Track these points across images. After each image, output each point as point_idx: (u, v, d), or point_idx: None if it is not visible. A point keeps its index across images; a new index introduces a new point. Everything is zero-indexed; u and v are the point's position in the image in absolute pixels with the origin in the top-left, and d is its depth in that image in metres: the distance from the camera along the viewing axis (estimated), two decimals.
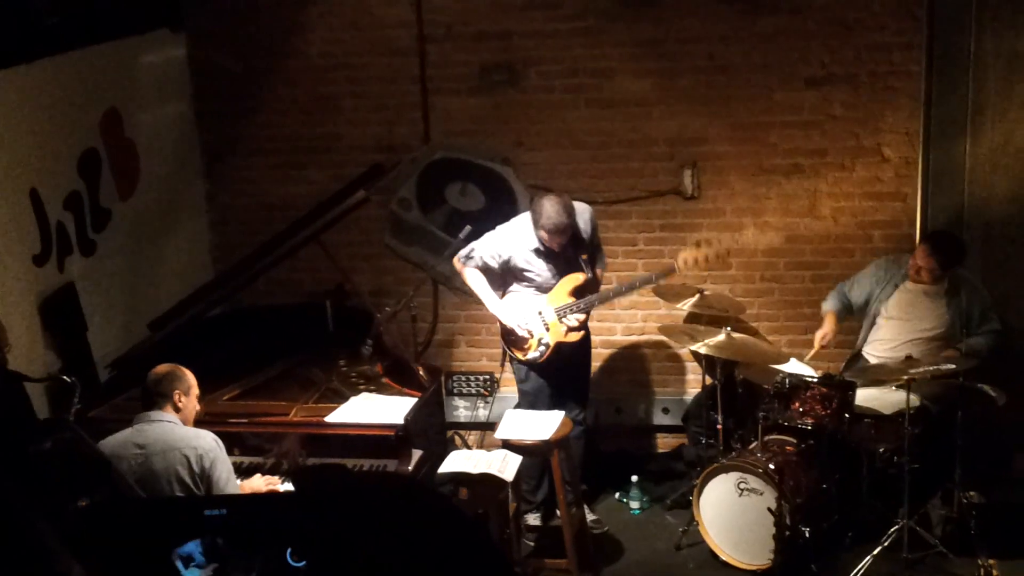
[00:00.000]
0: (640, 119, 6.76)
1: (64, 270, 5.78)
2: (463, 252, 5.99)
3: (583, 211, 5.90)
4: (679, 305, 6.19)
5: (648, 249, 6.93)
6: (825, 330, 6.29)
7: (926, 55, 6.38)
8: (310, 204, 6.37)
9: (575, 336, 5.91)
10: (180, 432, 4.58)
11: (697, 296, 6.12)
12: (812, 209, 6.71)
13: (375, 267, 7.18)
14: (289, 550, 1.99)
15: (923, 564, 5.58)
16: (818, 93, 6.55)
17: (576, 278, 5.87)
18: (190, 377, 4.77)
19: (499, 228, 5.98)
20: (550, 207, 5.63)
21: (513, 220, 5.99)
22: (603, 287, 6.09)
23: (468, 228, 6.09)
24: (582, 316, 5.87)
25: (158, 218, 6.75)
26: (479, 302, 6.08)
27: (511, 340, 6.00)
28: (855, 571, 5.48)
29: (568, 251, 5.84)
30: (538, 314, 5.88)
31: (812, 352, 6.33)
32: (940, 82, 6.38)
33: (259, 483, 5.01)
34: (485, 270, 5.95)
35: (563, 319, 5.85)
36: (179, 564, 2.03)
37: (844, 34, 6.46)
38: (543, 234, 5.70)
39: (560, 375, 6.06)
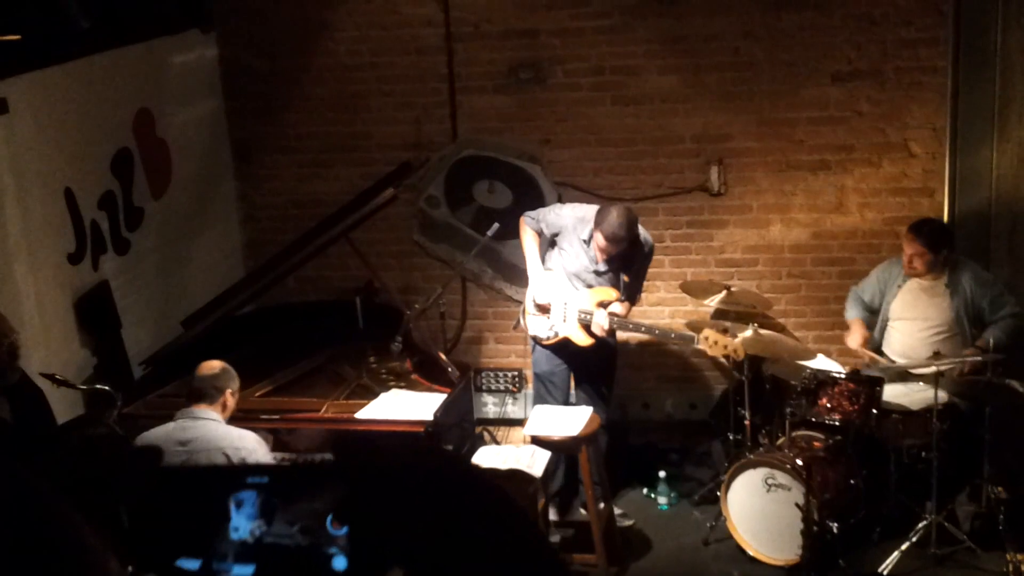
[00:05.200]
0: (666, 116, 6.79)
1: (98, 268, 5.86)
2: (531, 212, 6.09)
3: (647, 241, 5.95)
4: (706, 301, 6.22)
5: (675, 246, 6.95)
6: (861, 333, 6.16)
7: (952, 50, 6.37)
8: (339, 202, 6.41)
9: (586, 340, 5.94)
10: (223, 431, 4.59)
11: (724, 292, 6.14)
12: (839, 205, 6.71)
13: (404, 264, 7.24)
14: (329, 517, 2.01)
15: (951, 559, 5.57)
16: (844, 89, 6.56)
17: (610, 293, 5.89)
18: (236, 376, 4.78)
19: (570, 205, 6.08)
20: (616, 217, 5.64)
21: (585, 205, 6.02)
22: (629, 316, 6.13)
23: (496, 225, 6.15)
24: (600, 327, 5.86)
25: (190, 216, 6.83)
26: (509, 283, 6.17)
27: (534, 306, 6.08)
28: (883, 566, 5.49)
29: (612, 264, 5.87)
30: (563, 304, 5.94)
31: (869, 358, 6.11)
32: (967, 77, 6.37)
33: None
34: (539, 233, 6.05)
35: (581, 321, 5.91)
36: (232, 506, 2.05)
37: (870, 29, 6.46)
38: (598, 235, 5.72)
39: (577, 370, 6.14)
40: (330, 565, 2.03)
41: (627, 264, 5.89)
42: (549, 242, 6.10)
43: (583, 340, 5.94)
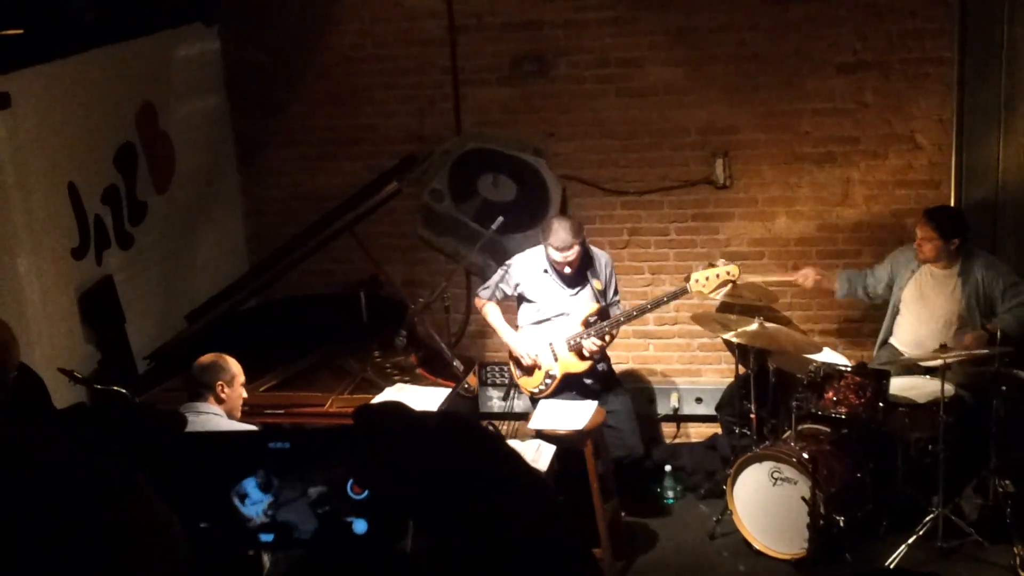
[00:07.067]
0: (671, 108, 6.76)
1: (102, 263, 5.84)
2: (481, 289, 6.15)
3: (600, 255, 6.03)
4: (712, 294, 6.19)
5: (680, 239, 6.93)
6: (810, 271, 6.24)
7: (959, 41, 6.33)
8: (343, 195, 6.42)
9: (583, 365, 5.91)
10: (224, 426, 4.57)
11: (730, 285, 6.11)
12: (845, 197, 6.69)
13: (408, 258, 7.22)
14: (350, 482, 2.02)
15: (958, 553, 5.57)
16: (850, 80, 6.52)
17: (590, 308, 5.90)
18: (233, 366, 4.73)
19: (516, 256, 6.09)
20: (558, 225, 5.75)
21: (528, 248, 6.10)
22: (613, 313, 6.09)
23: (500, 219, 6.13)
24: (595, 344, 5.84)
25: (194, 211, 6.81)
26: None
27: (520, 369, 6.07)
28: (890, 560, 5.48)
29: (579, 278, 5.88)
30: (548, 345, 5.91)
31: (779, 278, 6.22)
32: (973, 68, 6.34)
33: None
34: (502, 299, 6.08)
35: (572, 348, 5.87)
36: (236, 502, 2.09)
37: (875, 21, 6.43)
38: (551, 250, 5.77)
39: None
40: (350, 529, 2.04)
41: (593, 274, 5.93)
42: (517, 303, 6.09)
43: (580, 365, 5.90)
